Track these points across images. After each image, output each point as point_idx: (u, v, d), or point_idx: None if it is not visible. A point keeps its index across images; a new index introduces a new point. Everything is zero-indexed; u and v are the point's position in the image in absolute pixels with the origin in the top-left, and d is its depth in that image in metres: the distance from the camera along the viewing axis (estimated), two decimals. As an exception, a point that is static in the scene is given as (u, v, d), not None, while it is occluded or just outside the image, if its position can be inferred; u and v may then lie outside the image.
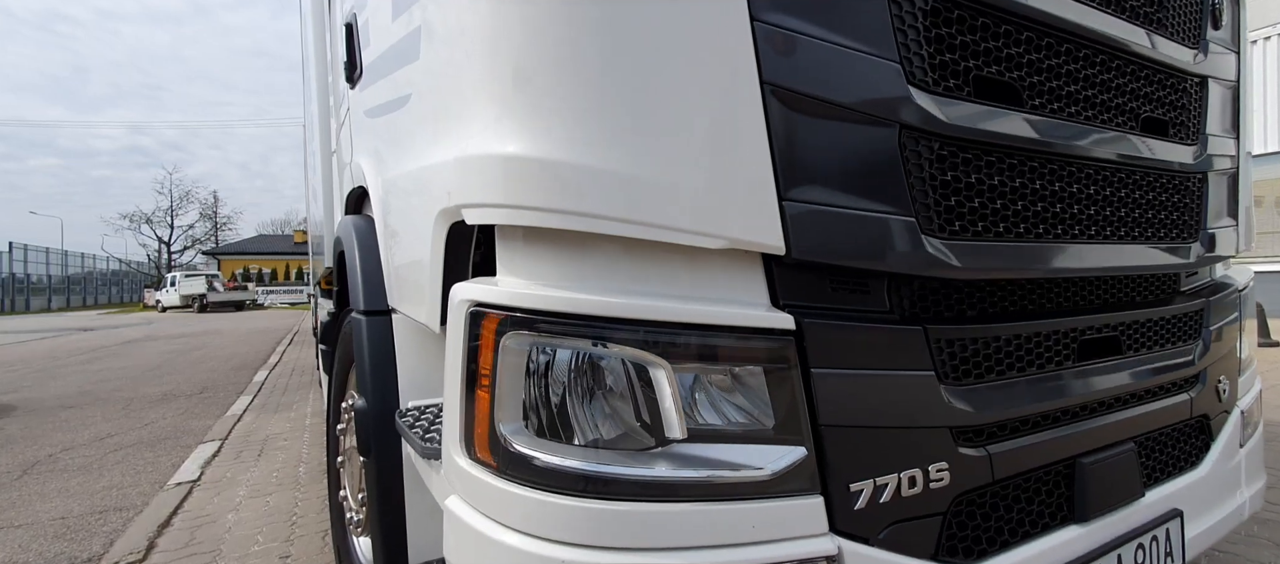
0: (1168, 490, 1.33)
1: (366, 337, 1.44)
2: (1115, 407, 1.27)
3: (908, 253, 0.96)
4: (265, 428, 4.89)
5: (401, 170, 1.25)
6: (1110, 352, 1.27)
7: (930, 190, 1.00)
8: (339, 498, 2.11)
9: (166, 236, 49.40)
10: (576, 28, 0.83)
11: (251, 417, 5.34)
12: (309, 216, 9.17)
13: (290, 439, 4.48)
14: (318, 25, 2.93)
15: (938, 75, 1.03)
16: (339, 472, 2.16)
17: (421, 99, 1.11)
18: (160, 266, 48.39)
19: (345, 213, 2.35)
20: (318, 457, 3.98)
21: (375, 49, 1.44)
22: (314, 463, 3.84)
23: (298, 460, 3.93)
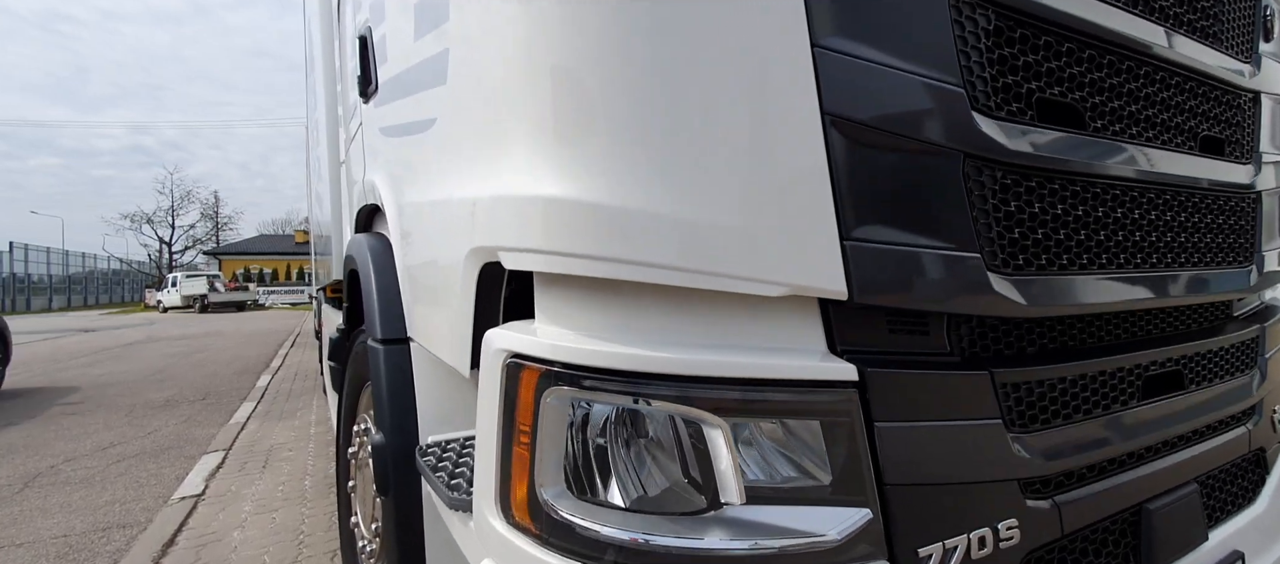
0: (1228, 531, 1.26)
1: (384, 367, 1.37)
2: (1178, 445, 1.20)
3: (974, 291, 0.89)
4: (269, 437, 4.83)
5: (424, 197, 1.18)
6: (1173, 386, 1.20)
7: (995, 223, 0.93)
8: (350, 524, 2.05)
9: (168, 236, 49.36)
10: (624, 62, 0.76)
11: (255, 425, 5.28)
12: (311, 217, 9.12)
13: (295, 450, 4.42)
14: (325, 32, 2.86)
15: (1001, 99, 0.96)
16: (350, 496, 2.10)
17: (448, 126, 1.04)
18: (161, 267, 48.37)
19: (355, 229, 2.28)
20: (323, 469, 3.93)
21: (393, 66, 1.38)
22: (320, 476, 3.78)
23: (303, 472, 3.87)
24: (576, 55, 0.77)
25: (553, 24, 0.79)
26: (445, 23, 1.00)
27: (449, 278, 1.01)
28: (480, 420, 0.87)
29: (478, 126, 0.92)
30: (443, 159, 1.08)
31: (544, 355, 0.77)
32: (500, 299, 0.93)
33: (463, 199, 0.96)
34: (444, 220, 1.06)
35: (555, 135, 0.78)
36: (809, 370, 0.79)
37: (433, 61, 1.07)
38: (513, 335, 0.82)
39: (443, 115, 1.06)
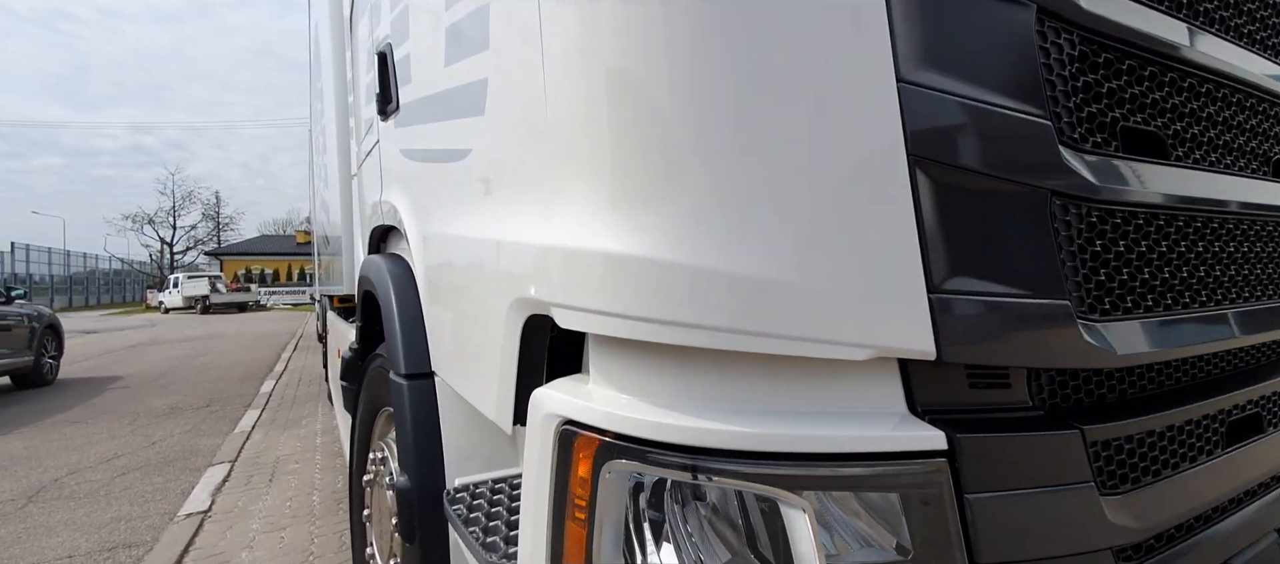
0: (1308, 580, 1.19)
1: (409, 404, 1.30)
2: (1259, 493, 1.13)
3: (1065, 342, 0.82)
4: (275, 448, 4.76)
5: (453, 231, 1.10)
6: (1253, 430, 1.13)
7: (1081, 265, 0.86)
8: (365, 556, 1.98)
9: (169, 237, 49.36)
10: (698, 110, 0.68)
11: (260, 434, 5.21)
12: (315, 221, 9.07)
13: (302, 462, 4.35)
14: (335, 41, 2.79)
15: (1085, 131, 0.89)
16: (364, 525, 2.03)
17: (485, 160, 0.97)
18: (163, 267, 48.37)
19: (369, 248, 2.21)
20: (330, 482, 3.86)
21: (419, 89, 1.30)
22: (327, 491, 3.71)
23: (311, 487, 3.80)
24: (646, 99, 0.70)
25: (617, 67, 0.72)
26: (484, 52, 0.92)
27: (486, 324, 0.94)
28: (527, 487, 0.79)
29: (522, 166, 0.84)
30: (477, 194, 1.00)
31: (604, 425, 0.70)
32: (545, 352, 0.86)
33: (503, 242, 0.88)
34: (478, 261, 0.98)
35: (620, 186, 0.70)
36: (895, 441, 0.72)
37: (468, 90, 0.99)
38: (565, 399, 0.75)
39: (478, 148, 0.99)
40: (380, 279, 1.60)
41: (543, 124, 0.79)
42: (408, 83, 1.40)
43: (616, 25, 0.71)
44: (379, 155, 1.86)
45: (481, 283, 0.96)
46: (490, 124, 0.94)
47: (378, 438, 2.03)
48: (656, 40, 0.70)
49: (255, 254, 47.58)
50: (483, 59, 0.94)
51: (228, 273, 43.88)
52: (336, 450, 4.55)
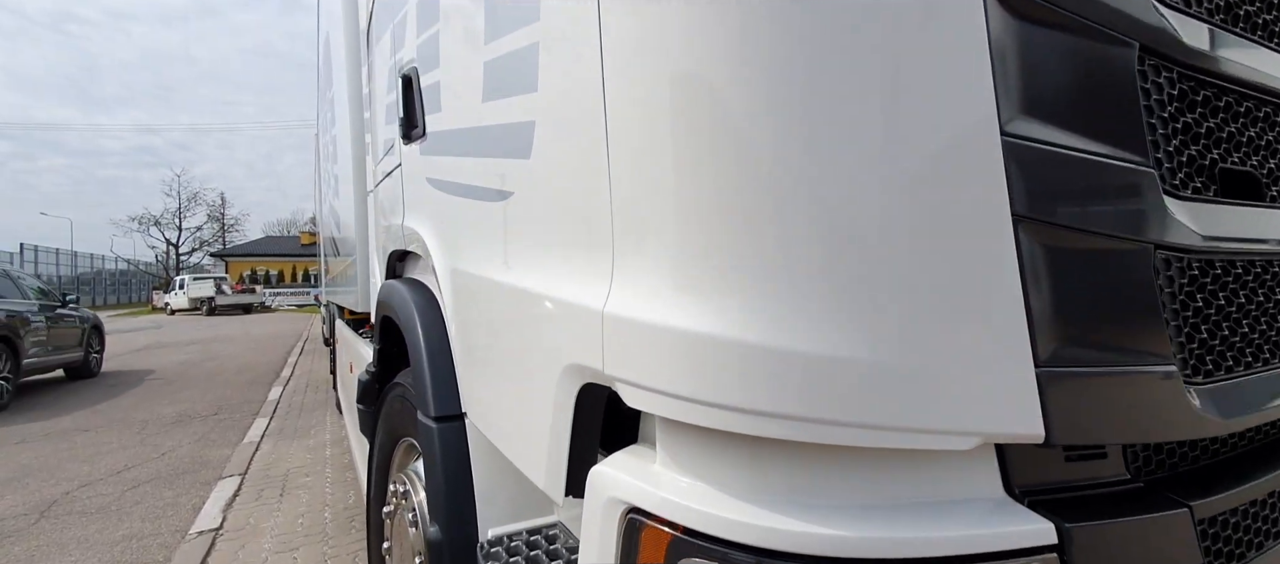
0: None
1: (439, 449, 1.24)
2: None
3: (1173, 411, 0.75)
4: (285, 460, 4.72)
5: (490, 276, 1.04)
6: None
7: (1184, 324, 0.79)
8: None
9: (175, 238, 49.53)
10: (790, 170, 0.62)
11: (269, 445, 5.17)
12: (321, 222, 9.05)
13: (313, 475, 4.30)
14: (351, 52, 2.73)
15: (1186, 176, 0.82)
16: (384, 558, 1.96)
17: (529, 206, 0.90)
18: (168, 268, 48.56)
19: (386, 271, 2.15)
20: (342, 498, 3.81)
21: (450, 119, 1.23)
22: (339, 507, 3.66)
23: (322, 503, 3.75)
24: (727, 170, 0.63)
25: (699, 126, 0.65)
26: (530, 93, 0.86)
27: (531, 384, 0.88)
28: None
29: (577, 220, 0.78)
30: (519, 242, 0.94)
31: (679, 519, 0.63)
32: (600, 419, 0.79)
33: (552, 299, 0.82)
34: (522, 314, 0.92)
35: (699, 255, 0.63)
36: (1002, 539, 0.65)
37: (510, 130, 0.93)
38: (632, 482, 0.68)
39: (522, 193, 0.92)
40: (405, 310, 1.54)
41: (603, 179, 0.73)
42: (437, 111, 1.34)
43: (700, 85, 0.65)
44: (401, 178, 1.79)
45: (526, 339, 0.90)
46: (537, 169, 0.88)
47: (397, 469, 1.97)
48: (746, 101, 0.63)
49: (260, 255, 47.68)
50: (529, 101, 0.88)
51: (233, 274, 44.04)
52: (346, 463, 4.50)
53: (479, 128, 1.07)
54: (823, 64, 0.63)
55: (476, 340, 1.18)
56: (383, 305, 1.95)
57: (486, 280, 1.07)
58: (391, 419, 1.98)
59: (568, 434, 0.79)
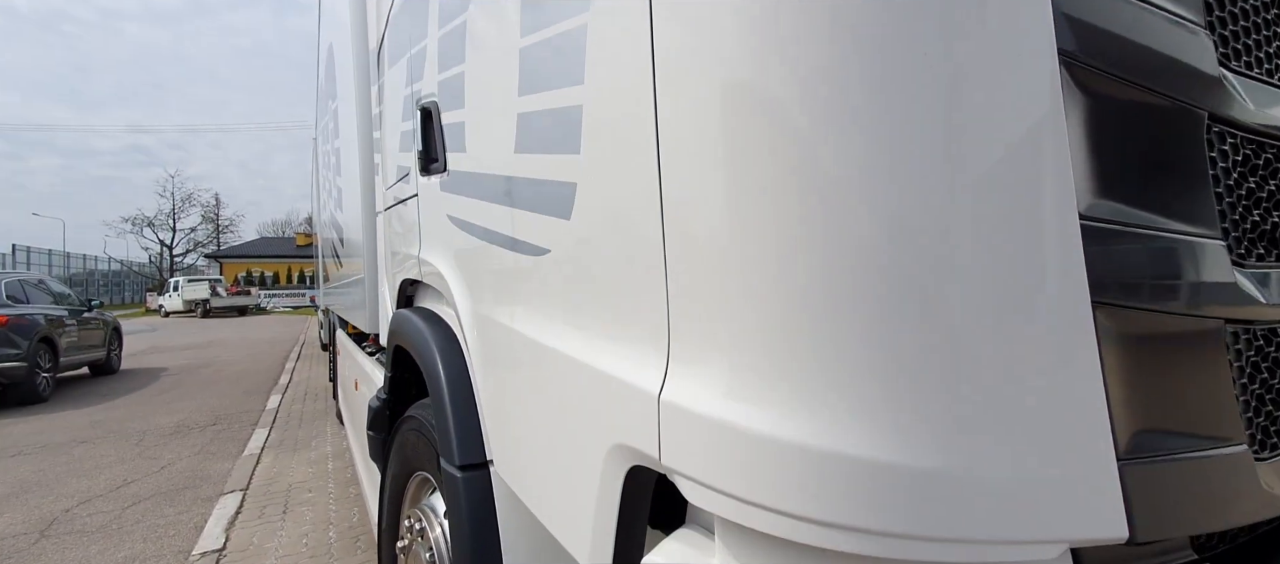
0: None
1: (465, 502, 1.21)
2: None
3: (1245, 494, 0.73)
4: (286, 474, 4.67)
5: (524, 331, 1.01)
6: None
7: (1252, 401, 0.78)
8: None
9: (168, 239, 49.21)
10: (870, 264, 0.59)
11: (270, 458, 5.12)
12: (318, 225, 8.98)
13: (315, 491, 4.26)
14: (359, 71, 2.69)
15: (1249, 245, 0.80)
16: None
17: (569, 268, 0.87)
18: (162, 269, 48.24)
19: (397, 299, 2.12)
20: (345, 517, 3.76)
21: (476, 162, 1.20)
22: (343, 526, 3.62)
23: (326, 521, 3.71)
24: (806, 266, 0.61)
25: (772, 205, 0.62)
26: (572, 154, 0.83)
27: (572, 456, 0.85)
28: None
29: (626, 292, 0.75)
30: (557, 301, 0.91)
31: None
32: (649, 501, 0.76)
33: (597, 371, 0.79)
34: (561, 378, 0.89)
35: (773, 357, 0.61)
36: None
37: (547, 187, 0.89)
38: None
39: (560, 251, 0.89)
40: (425, 349, 1.50)
41: (658, 258, 0.70)
42: (460, 151, 1.31)
43: (765, 174, 0.62)
44: (417, 208, 1.76)
45: (567, 405, 0.87)
46: (579, 232, 0.85)
47: (412, 503, 1.94)
48: (818, 206, 0.60)
49: (255, 257, 47.42)
50: (570, 161, 0.85)
51: (227, 276, 43.78)
52: (349, 478, 4.46)
53: (510, 178, 1.04)
54: (909, 156, 0.61)
55: (507, 393, 1.15)
56: (397, 335, 1.92)
57: (519, 334, 1.04)
58: (405, 451, 1.95)
59: (615, 513, 0.77)
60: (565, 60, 0.86)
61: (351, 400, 3.80)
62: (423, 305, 1.97)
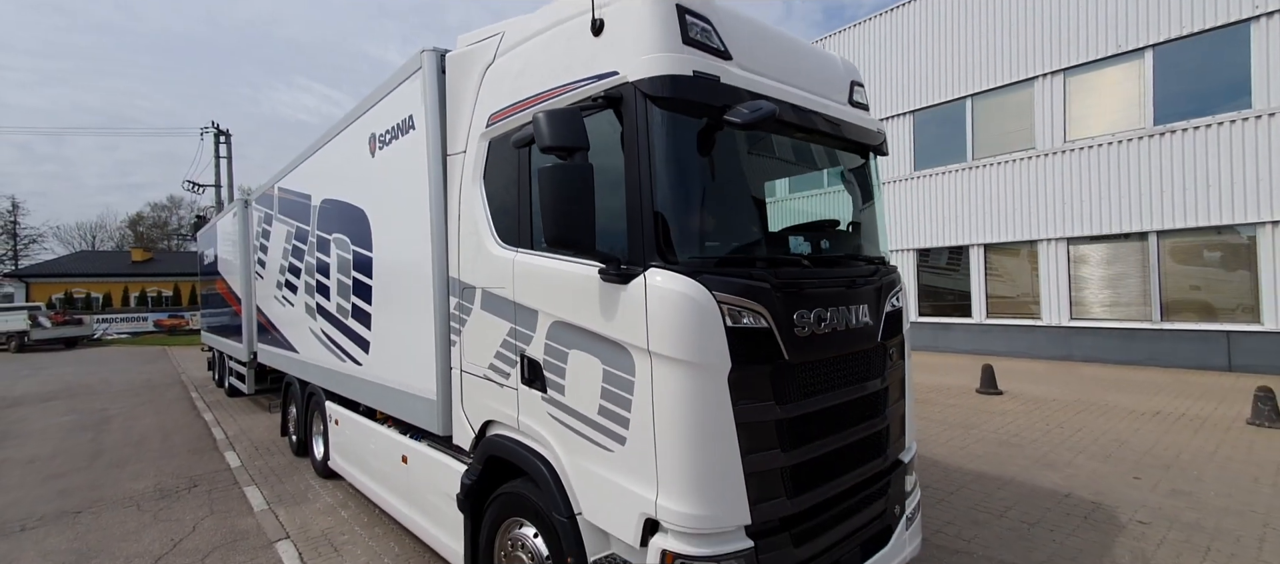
0: (873, 559, 3.69)
1: (568, 532, 3.37)
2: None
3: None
4: (311, 524, 6.13)
5: (599, 471, 3.20)
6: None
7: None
8: None
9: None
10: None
11: (284, 512, 6.49)
12: (250, 297, 9.91)
13: (348, 535, 5.85)
14: (435, 195, 4.57)
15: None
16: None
17: (622, 455, 3.08)
18: (-58, 293, 40.43)
19: (479, 429, 4.15)
20: (388, 550, 5.48)
21: (570, 400, 3.34)
22: (392, 556, 5.35)
23: (375, 553, 5.41)
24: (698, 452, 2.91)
25: None
26: (631, 398, 3.04)
27: (626, 511, 3.05)
28: None
29: (640, 465, 2.98)
30: (625, 467, 3.11)
31: (674, 547, 2.87)
32: (652, 527, 3.00)
33: (630, 489, 3.02)
34: (616, 484, 3.10)
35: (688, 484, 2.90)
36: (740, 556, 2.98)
37: (613, 418, 3.10)
38: (661, 540, 2.91)
39: (617, 449, 3.10)
40: (538, 476, 3.58)
41: (650, 450, 2.95)
42: (558, 392, 3.45)
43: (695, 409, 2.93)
44: (517, 396, 3.82)
45: (621, 494, 3.08)
46: (635, 444, 3.07)
47: (503, 534, 3.97)
48: None
49: (75, 275, 41.39)
50: (635, 415, 3.06)
51: (38, 298, 37.99)
52: (369, 521, 6.10)
53: (590, 417, 3.21)
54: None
55: (592, 493, 3.33)
56: (504, 450, 3.92)
57: (598, 475, 3.22)
58: (501, 508, 3.98)
59: (640, 527, 3.00)
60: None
61: (395, 467, 5.47)
62: (510, 437, 3.99)
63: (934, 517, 5.58)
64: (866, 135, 4.22)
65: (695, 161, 3.16)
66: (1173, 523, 5.29)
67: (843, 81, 4.32)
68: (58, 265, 43.17)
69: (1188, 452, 7.33)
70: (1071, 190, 14.51)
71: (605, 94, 3.15)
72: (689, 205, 3.13)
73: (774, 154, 4.00)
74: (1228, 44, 12.30)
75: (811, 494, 3.29)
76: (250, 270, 10.66)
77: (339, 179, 6.51)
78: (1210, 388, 10.89)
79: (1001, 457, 7.37)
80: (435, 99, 4.51)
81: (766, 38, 3.71)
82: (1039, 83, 15.06)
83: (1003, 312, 15.95)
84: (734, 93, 3.15)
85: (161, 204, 71.04)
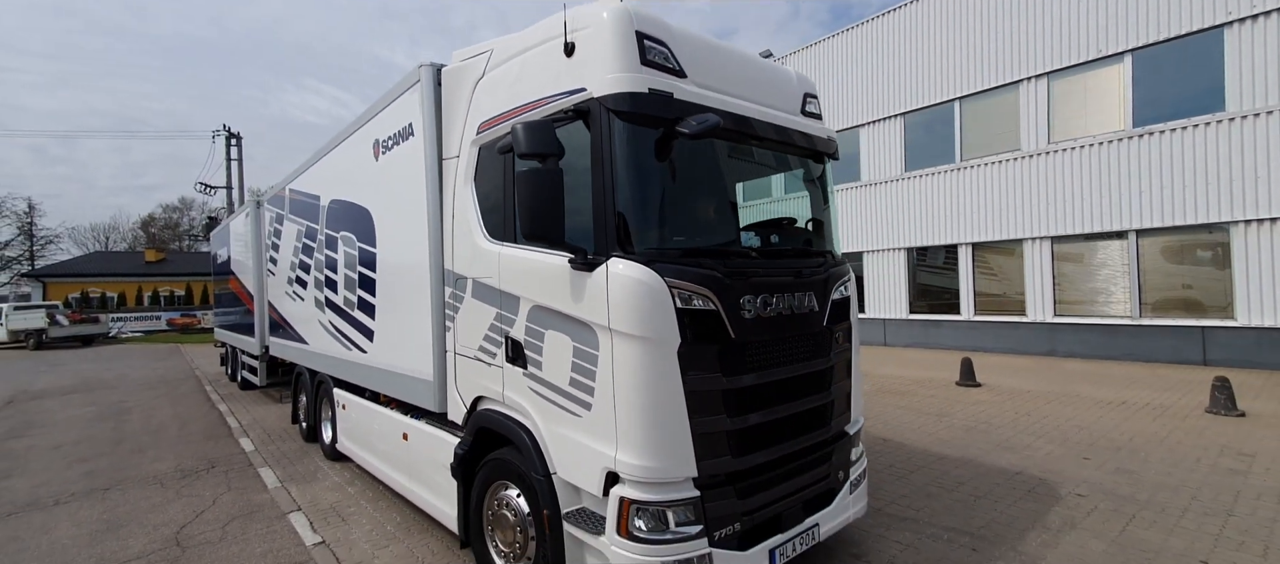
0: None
1: (545, 486, 3.88)
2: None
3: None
4: (321, 499, 6.68)
5: (572, 435, 3.70)
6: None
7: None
8: (492, 552, 4.43)
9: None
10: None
11: (296, 489, 7.05)
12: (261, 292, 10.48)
13: (355, 507, 6.39)
14: (431, 193, 5.10)
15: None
16: (485, 528, 4.47)
17: (591, 417, 3.57)
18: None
19: (470, 403, 4.67)
20: (391, 519, 6.01)
21: (547, 374, 3.84)
22: (393, 524, 5.88)
23: (380, 521, 5.93)
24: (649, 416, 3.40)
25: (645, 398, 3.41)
26: (595, 369, 3.53)
27: (592, 466, 3.54)
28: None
29: (605, 426, 3.48)
30: (587, 425, 3.61)
31: (630, 494, 3.37)
32: (613, 479, 3.49)
33: (597, 449, 3.51)
34: (589, 447, 3.59)
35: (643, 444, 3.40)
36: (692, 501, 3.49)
37: (581, 388, 3.59)
38: (620, 489, 3.41)
39: (585, 414, 3.60)
40: (520, 443, 4.09)
41: (611, 413, 3.45)
42: (537, 368, 3.96)
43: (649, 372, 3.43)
44: (502, 373, 4.34)
45: (591, 456, 3.58)
46: (599, 409, 3.56)
47: (492, 494, 4.49)
48: None
49: (89, 275, 42.35)
50: (599, 384, 3.56)
51: (55, 298, 38.92)
52: (374, 496, 6.64)
53: (562, 386, 3.72)
54: None
55: (565, 458, 3.83)
56: (486, 421, 4.45)
57: (568, 438, 3.73)
58: (489, 472, 4.50)
59: (603, 479, 3.50)
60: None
61: (396, 445, 6.01)
62: (495, 411, 4.50)
63: (891, 491, 6.06)
64: (815, 142, 4.72)
65: (652, 166, 3.66)
66: (1108, 495, 5.75)
67: (796, 94, 4.82)
68: (73, 265, 44.14)
69: (1142, 436, 7.77)
70: (1055, 190, 14.91)
71: (575, 108, 3.67)
72: (646, 204, 3.64)
73: (731, 158, 4.50)
74: (1203, 48, 12.69)
75: (756, 456, 3.79)
76: (262, 267, 11.24)
77: (346, 181, 7.06)
78: (1181, 381, 11.29)
79: (966, 441, 7.82)
80: (432, 109, 5.04)
81: (721, 57, 4.22)
82: (1024, 86, 15.47)
83: (990, 309, 16.35)
84: (686, 107, 3.65)
85: (173, 205, 72.35)
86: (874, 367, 14.56)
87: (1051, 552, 4.63)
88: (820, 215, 4.96)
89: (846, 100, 19.78)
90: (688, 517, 3.46)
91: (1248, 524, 5.00)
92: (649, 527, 3.39)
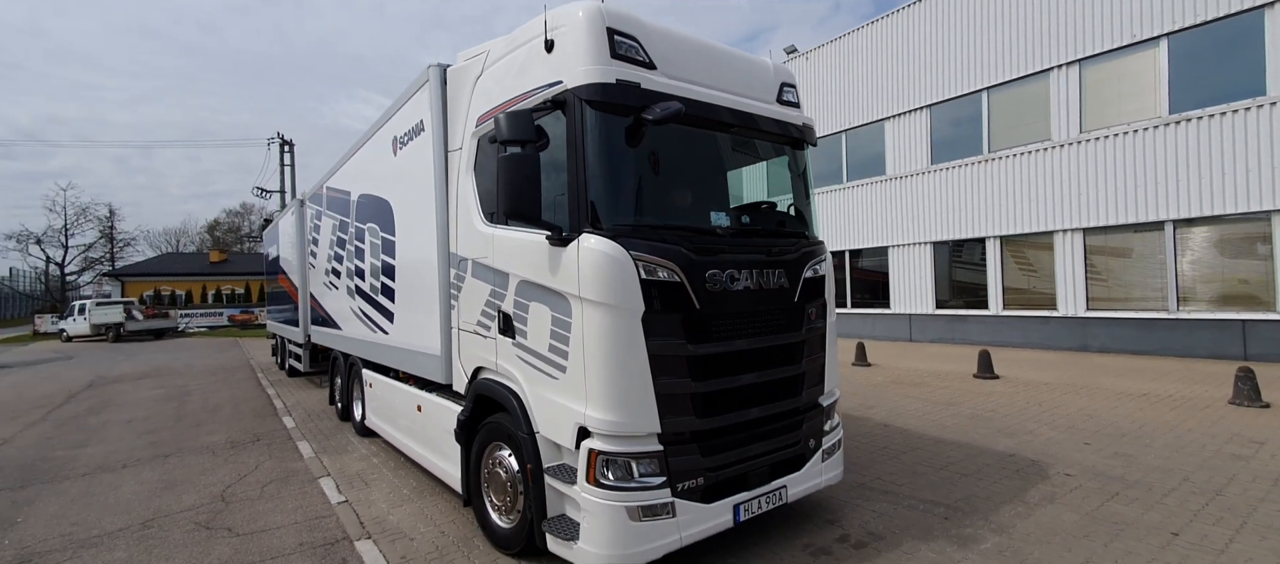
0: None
1: (530, 443, 4.29)
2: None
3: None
4: (348, 467, 7.33)
5: (553, 399, 4.10)
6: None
7: (701, 407, 4.09)
8: (488, 505, 4.89)
9: (58, 257, 46.18)
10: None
11: (327, 459, 7.72)
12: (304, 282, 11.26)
13: (377, 474, 6.99)
14: (438, 182, 5.60)
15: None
16: (482, 485, 4.92)
17: (566, 380, 3.96)
18: (51, 289, 45.24)
19: (471, 374, 5.13)
20: (408, 483, 6.57)
21: (530, 342, 4.26)
22: (409, 488, 6.43)
23: (397, 486, 6.49)
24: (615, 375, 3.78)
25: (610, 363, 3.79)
26: (569, 335, 3.93)
27: (565, 422, 3.93)
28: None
29: (577, 390, 3.86)
30: (563, 387, 4.00)
31: (599, 446, 3.74)
32: (584, 433, 3.85)
33: (572, 407, 3.90)
34: (563, 405, 3.98)
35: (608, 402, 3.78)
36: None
37: (557, 353, 3.98)
38: (591, 443, 3.78)
39: (561, 377, 4.00)
40: (511, 406, 4.52)
41: (581, 377, 3.84)
42: (523, 337, 4.38)
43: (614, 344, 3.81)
44: (496, 344, 4.78)
45: (565, 413, 3.97)
46: (573, 363, 3.95)
47: (489, 454, 4.95)
48: None
49: (161, 275, 45.53)
50: (574, 343, 3.95)
51: (131, 295, 42.01)
52: (395, 466, 7.22)
53: (542, 352, 4.12)
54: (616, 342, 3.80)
55: (546, 419, 4.24)
56: (485, 389, 4.90)
57: (550, 400, 4.13)
58: (485, 435, 4.95)
59: (576, 434, 3.88)
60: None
61: (412, 417, 6.57)
62: (491, 379, 4.95)
63: (879, 470, 6.24)
64: (789, 129, 4.99)
65: (623, 150, 4.04)
66: (1098, 476, 5.78)
67: (772, 84, 5.10)
68: (148, 266, 47.53)
69: (1152, 425, 7.64)
70: (1088, 180, 14.50)
71: (553, 99, 4.08)
72: (616, 185, 4.02)
73: (708, 145, 4.82)
74: (1241, 32, 12.16)
75: (721, 418, 4.11)
76: (304, 261, 12.13)
77: (371, 176, 7.69)
78: (1212, 374, 10.88)
79: (968, 427, 7.86)
80: (439, 105, 5.55)
81: (694, 50, 4.55)
82: (1055, 74, 15.10)
83: (1019, 303, 15.99)
84: (652, 96, 4.01)
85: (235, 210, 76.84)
86: (896, 360, 14.48)
87: (1022, 521, 4.76)
88: (799, 200, 5.23)
89: (871, 94, 19.63)
90: (651, 469, 3.81)
91: (1233, 503, 4.99)
92: (615, 476, 3.76)
